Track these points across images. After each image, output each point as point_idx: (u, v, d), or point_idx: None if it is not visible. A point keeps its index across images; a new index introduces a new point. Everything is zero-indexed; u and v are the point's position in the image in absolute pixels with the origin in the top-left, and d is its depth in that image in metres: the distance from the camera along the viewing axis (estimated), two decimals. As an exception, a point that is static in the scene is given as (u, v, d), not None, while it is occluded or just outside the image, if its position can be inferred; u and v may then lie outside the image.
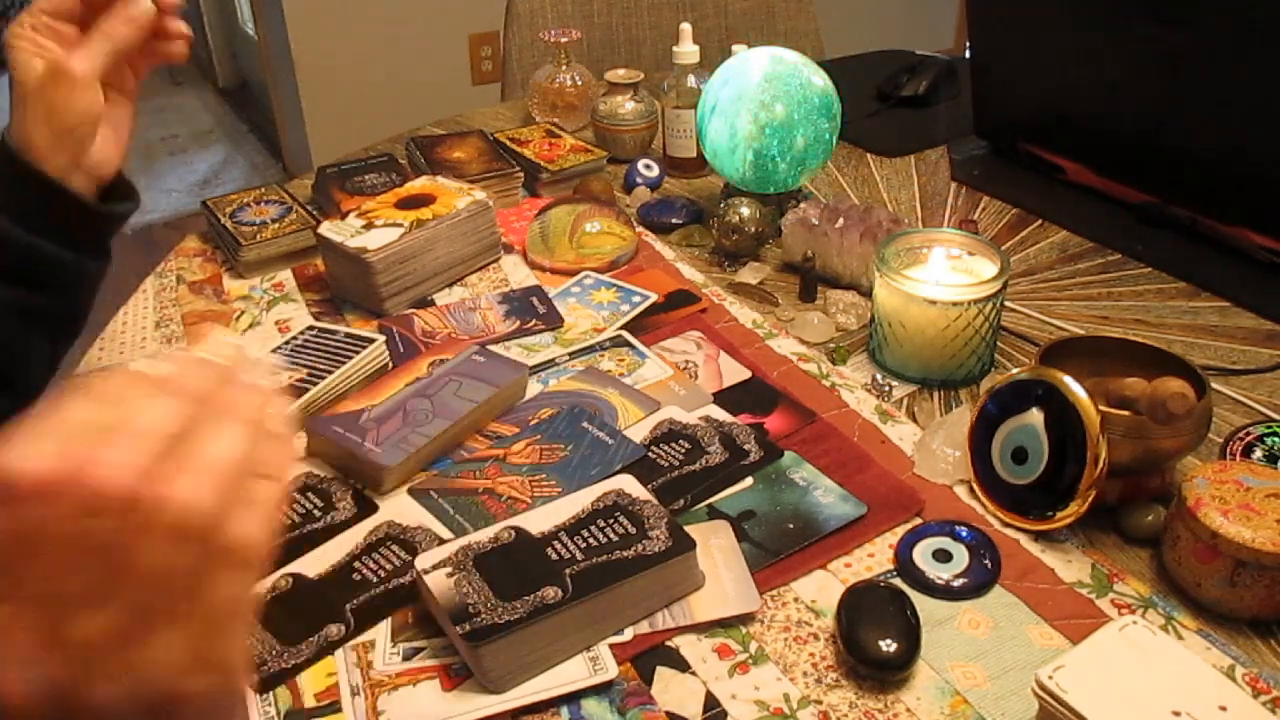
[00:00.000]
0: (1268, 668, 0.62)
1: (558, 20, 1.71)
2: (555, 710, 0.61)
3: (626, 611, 0.65)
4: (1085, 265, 1.07)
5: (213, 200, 1.13)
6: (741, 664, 0.63)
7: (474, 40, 3.11)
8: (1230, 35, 0.98)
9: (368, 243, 0.96)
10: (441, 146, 1.24)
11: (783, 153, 1.06)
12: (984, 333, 0.86)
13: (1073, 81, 1.16)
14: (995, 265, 0.87)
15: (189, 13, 3.29)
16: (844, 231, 1.01)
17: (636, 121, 1.29)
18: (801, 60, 1.07)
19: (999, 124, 1.29)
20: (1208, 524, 0.64)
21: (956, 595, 0.67)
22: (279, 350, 0.90)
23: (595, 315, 0.98)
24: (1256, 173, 1.02)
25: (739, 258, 1.07)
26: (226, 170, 3.53)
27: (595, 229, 1.07)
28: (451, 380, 0.84)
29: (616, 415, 0.83)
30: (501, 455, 0.79)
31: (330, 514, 0.74)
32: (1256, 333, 0.95)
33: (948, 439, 0.78)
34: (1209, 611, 0.66)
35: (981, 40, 1.29)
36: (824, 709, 0.60)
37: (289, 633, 0.65)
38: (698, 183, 1.26)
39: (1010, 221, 1.16)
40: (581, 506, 0.69)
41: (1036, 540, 0.71)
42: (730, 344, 0.93)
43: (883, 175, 1.28)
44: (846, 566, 0.70)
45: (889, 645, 0.61)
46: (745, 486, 0.76)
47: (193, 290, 1.05)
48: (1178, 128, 1.07)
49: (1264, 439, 0.78)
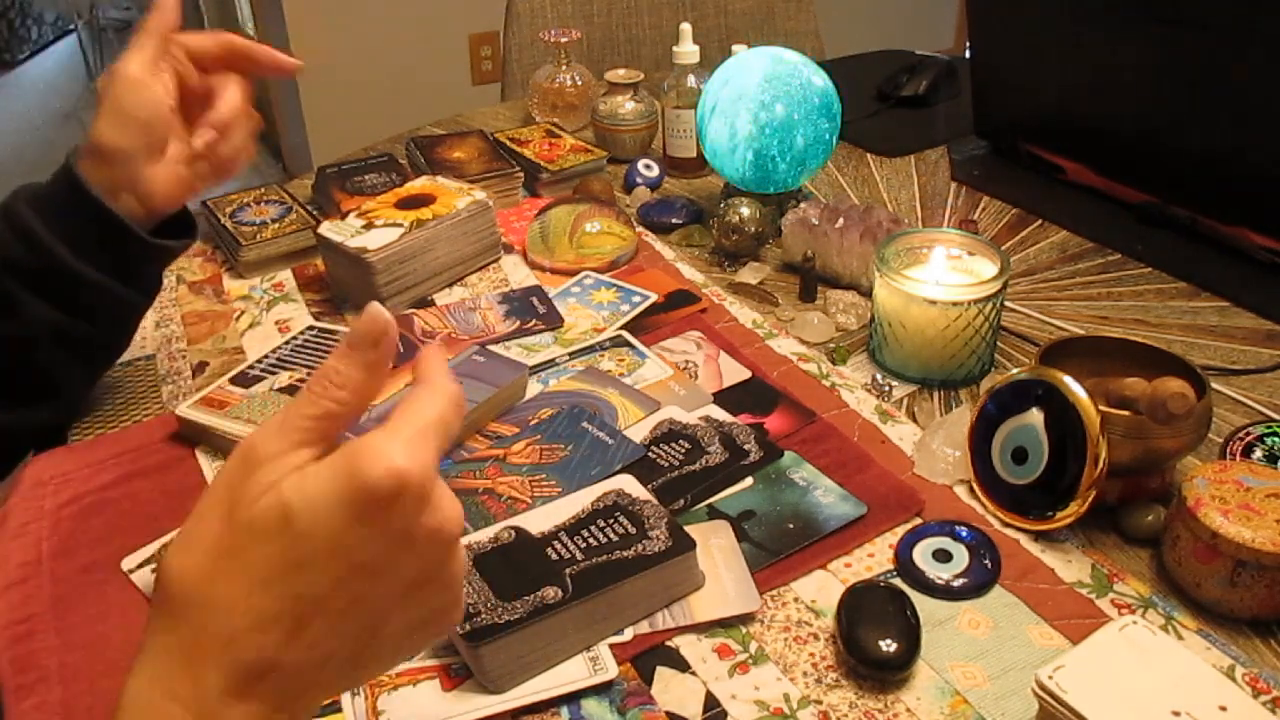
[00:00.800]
0: (1268, 668, 0.62)
1: (558, 20, 1.71)
2: (555, 710, 0.61)
3: (626, 611, 0.65)
4: (1085, 265, 1.07)
5: (213, 200, 1.13)
6: (741, 664, 0.63)
7: (474, 40, 3.11)
8: (1230, 35, 0.98)
9: (368, 243, 0.96)
10: (441, 146, 1.24)
11: (783, 153, 1.06)
12: (984, 333, 0.86)
13: (1073, 81, 1.16)
14: (995, 265, 0.87)
15: (189, 13, 3.28)
16: (844, 231, 1.01)
17: (636, 121, 1.29)
18: (801, 60, 1.07)
19: (999, 124, 1.29)
20: (1208, 524, 0.64)
21: (956, 595, 0.67)
22: (279, 350, 0.90)
23: (595, 315, 0.98)
24: (1256, 173, 1.02)
25: (739, 258, 1.08)
26: (226, 170, 3.53)
27: (595, 229, 1.07)
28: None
29: (616, 415, 0.83)
30: (501, 455, 0.79)
31: (330, 514, 0.74)
32: (1256, 333, 0.95)
33: (948, 439, 0.78)
34: (1209, 611, 0.66)
35: (981, 40, 1.29)
36: (824, 709, 0.60)
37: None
38: (698, 183, 1.26)
39: (1010, 221, 1.16)
40: (581, 506, 0.69)
41: (1036, 540, 0.71)
42: (730, 344, 0.93)
43: (883, 175, 1.28)
44: (846, 566, 0.70)
45: (889, 645, 0.61)
46: (745, 486, 0.76)
47: (193, 290, 1.05)
48: (1178, 128, 1.07)
49: (1264, 439, 0.78)
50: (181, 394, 0.89)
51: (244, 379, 0.86)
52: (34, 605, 0.68)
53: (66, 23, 4.79)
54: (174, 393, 0.89)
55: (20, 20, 4.63)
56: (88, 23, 4.42)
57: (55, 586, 0.69)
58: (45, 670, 0.63)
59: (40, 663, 0.64)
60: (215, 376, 0.90)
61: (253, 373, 0.87)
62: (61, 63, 4.63)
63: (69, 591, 0.69)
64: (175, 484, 0.78)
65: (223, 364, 0.93)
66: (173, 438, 0.82)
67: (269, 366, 0.87)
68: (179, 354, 0.95)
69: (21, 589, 0.69)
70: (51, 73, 4.55)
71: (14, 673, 0.63)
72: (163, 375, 0.92)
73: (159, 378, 0.92)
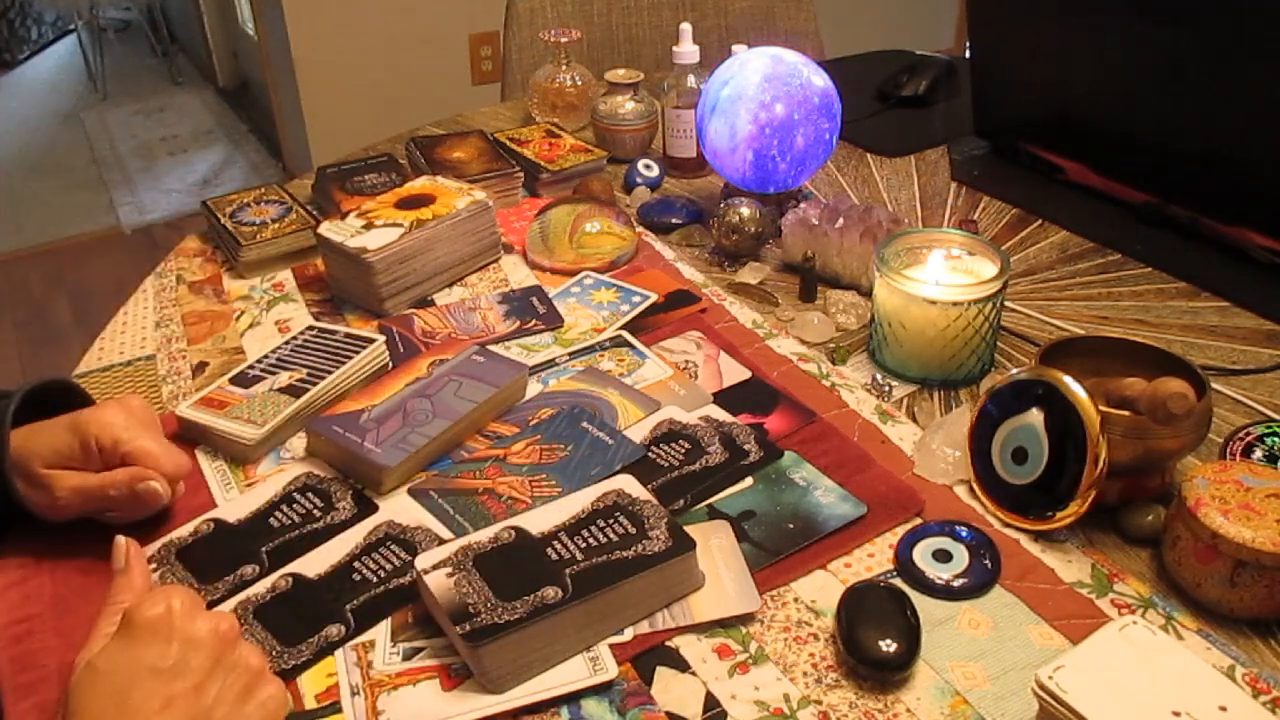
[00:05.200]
0: (1268, 668, 0.62)
1: (558, 20, 1.71)
2: (555, 710, 0.61)
3: (626, 611, 0.65)
4: (1085, 265, 1.07)
5: (213, 200, 1.13)
6: (741, 664, 0.63)
7: (474, 40, 3.11)
8: (1230, 35, 0.98)
9: (368, 243, 0.96)
10: (441, 146, 1.24)
11: (783, 153, 1.06)
12: (984, 333, 0.86)
13: (1073, 81, 1.16)
14: (995, 265, 0.87)
15: (189, 13, 3.28)
16: (844, 231, 1.01)
17: (636, 121, 1.29)
18: (801, 60, 1.07)
19: (999, 124, 1.29)
20: (1208, 524, 0.64)
21: (956, 595, 0.67)
22: (279, 350, 0.90)
23: (595, 315, 0.98)
24: (1256, 173, 1.02)
25: (739, 258, 1.08)
26: (226, 170, 3.54)
27: (595, 229, 1.07)
28: (451, 380, 0.84)
29: (616, 415, 0.83)
30: (501, 455, 0.79)
31: (330, 514, 0.74)
32: (1256, 333, 0.95)
33: (948, 439, 0.78)
34: (1209, 611, 0.66)
35: (981, 40, 1.29)
36: (824, 709, 0.60)
37: (289, 633, 0.65)
38: (698, 183, 1.26)
39: (1010, 221, 1.16)
40: (581, 507, 0.69)
41: (1036, 540, 0.71)
42: (730, 344, 0.93)
43: (883, 175, 1.28)
44: (846, 566, 0.70)
45: (889, 645, 0.61)
46: (745, 486, 0.76)
47: (193, 290, 1.05)
48: (1178, 128, 1.07)
49: (1264, 439, 0.78)
50: (181, 394, 0.89)
51: (244, 379, 0.86)
52: (34, 605, 0.68)
53: (66, 23, 4.80)
54: (174, 393, 0.89)
55: (20, 20, 4.63)
56: (88, 23, 4.42)
57: (55, 586, 0.69)
58: (45, 670, 0.63)
59: (40, 663, 0.64)
60: (215, 376, 0.90)
61: (253, 373, 0.87)
62: (61, 63, 4.64)
63: (69, 591, 0.69)
64: (175, 484, 0.78)
65: (223, 364, 0.93)
66: (173, 438, 0.82)
67: (269, 366, 0.87)
68: (179, 354, 0.95)
69: (21, 589, 0.69)
70: (51, 73, 4.55)
71: (14, 673, 0.63)
72: (163, 375, 0.92)
73: (159, 378, 0.92)
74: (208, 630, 0.55)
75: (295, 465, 0.80)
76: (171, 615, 0.55)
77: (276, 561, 0.70)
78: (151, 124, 3.94)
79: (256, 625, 0.65)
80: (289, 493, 0.76)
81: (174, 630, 0.54)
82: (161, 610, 0.55)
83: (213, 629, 0.55)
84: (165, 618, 0.54)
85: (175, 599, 0.56)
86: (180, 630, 0.54)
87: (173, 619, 0.55)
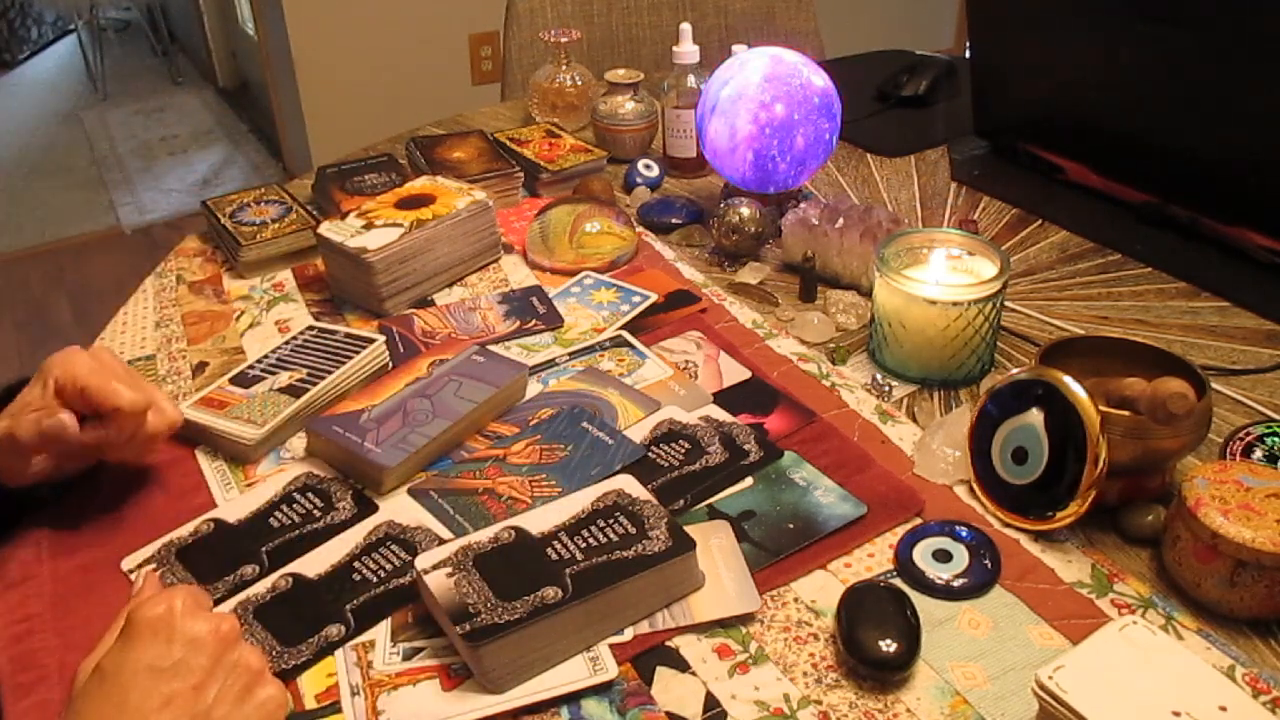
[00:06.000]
0: (1268, 668, 0.62)
1: (558, 20, 1.71)
2: (555, 710, 0.61)
3: (626, 611, 0.65)
4: (1085, 265, 1.07)
5: (213, 200, 1.13)
6: (741, 664, 0.63)
7: (474, 40, 3.11)
8: (1230, 36, 0.98)
9: (368, 243, 0.96)
10: (441, 146, 1.24)
11: (783, 153, 1.06)
12: (984, 333, 0.86)
13: (1073, 81, 1.16)
14: (995, 265, 0.87)
15: (189, 13, 3.29)
16: (844, 231, 1.01)
17: (636, 121, 1.29)
18: (801, 60, 1.07)
19: (999, 124, 1.29)
20: (1208, 524, 0.64)
21: (956, 595, 0.67)
22: (279, 350, 0.90)
23: (595, 315, 0.98)
24: (1256, 173, 1.02)
25: (739, 258, 1.08)
26: (226, 170, 3.54)
27: (595, 229, 1.07)
28: (451, 380, 0.84)
29: (616, 415, 0.83)
30: (501, 455, 0.79)
31: (330, 514, 0.74)
32: (1256, 333, 0.95)
33: (948, 439, 0.78)
34: (1209, 611, 0.66)
35: (981, 40, 1.29)
36: (824, 709, 0.60)
37: (289, 633, 0.65)
38: (698, 183, 1.26)
39: (1010, 221, 1.16)
40: (581, 507, 0.69)
41: (1036, 540, 0.71)
42: (730, 344, 0.93)
43: (883, 175, 1.28)
44: (846, 566, 0.70)
45: (889, 645, 0.61)
46: (745, 486, 0.76)
47: (193, 290, 1.05)
48: (1178, 128, 1.07)
49: (1264, 439, 0.78)
50: (181, 394, 0.89)
51: (244, 379, 0.86)
52: (34, 605, 0.68)
53: (66, 23, 4.80)
54: (174, 393, 0.89)
55: (20, 20, 4.63)
56: (88, 23, 4.42)
57: (55, 586, 0.69)
58: (45, 670, 0.63)
59: (40, 662, 0.64)
60: (215, 376, 0.90)
61: (253, 373, 0.87)
62: (61, 63, 4.64)
63: (69, 591, 0.69)
64: (175, 484, 0.78)
65: (223, 364, 0.93)
66: (173, 438, 0.82)
67: (269, 366, 0.87)
68: (179, 354, 0.95)
69: (21, 589, 0.69)
70: (51, 73, 4.55)
71: (14, 672, 0.63)
72: (163, 375, 0.92)
73: (159, 378, 0.92)
74: (208, 630, 0.55)
75: (295, 465, 0.80)
76: (172, 615, 0.55)
77: (276, 561, 0.70)
78: (151, 124, 3.94)
79: (256, 625, 0.65)
80: (289, 493, 0.76)
81: (174, 630, 0.55)
82: (162, 610, 0.55)
83: (213, 629, 0.56)
84: (166, 618, 0.55)
85: (177, 599, 0.56)
86: (180, 630, 0.55)
87: (173, 619, 0.55)
